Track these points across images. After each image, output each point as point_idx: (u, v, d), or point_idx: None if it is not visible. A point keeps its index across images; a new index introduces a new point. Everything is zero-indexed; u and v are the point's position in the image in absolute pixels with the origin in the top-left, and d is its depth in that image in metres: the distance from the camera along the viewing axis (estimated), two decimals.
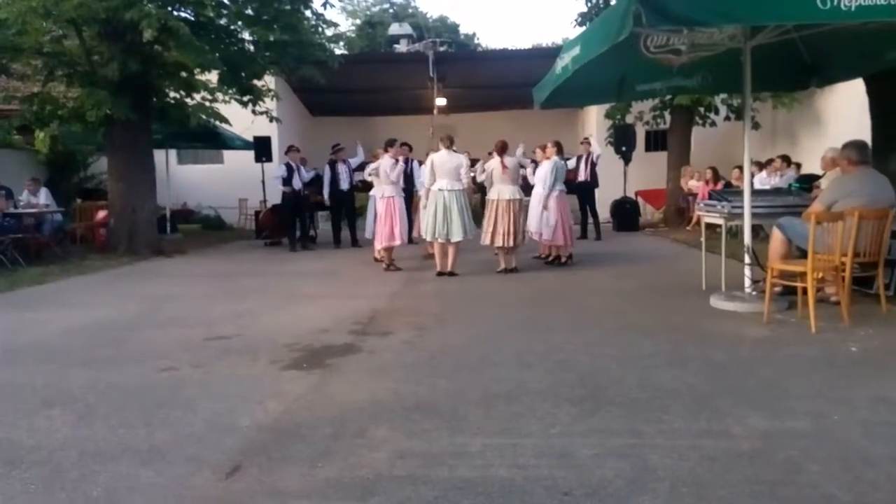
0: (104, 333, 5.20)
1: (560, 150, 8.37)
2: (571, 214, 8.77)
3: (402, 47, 24.29)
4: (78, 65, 9.91)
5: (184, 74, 10.53)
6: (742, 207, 5.50)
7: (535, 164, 8.73)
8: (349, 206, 11.36)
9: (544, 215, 8.07)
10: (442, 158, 7.71)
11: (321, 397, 3.54)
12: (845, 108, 11.24)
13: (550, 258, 8.50)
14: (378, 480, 2.51)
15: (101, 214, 11.52)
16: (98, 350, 4.68)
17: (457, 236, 7.63)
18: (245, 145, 13.81)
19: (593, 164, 11.42)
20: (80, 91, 9.76)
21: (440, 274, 7.70)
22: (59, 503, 2.40)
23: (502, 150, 7.88)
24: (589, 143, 11.71)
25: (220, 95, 11.26)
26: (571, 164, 10.77)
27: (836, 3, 3.66)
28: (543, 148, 8.41)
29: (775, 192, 7.95)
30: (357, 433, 2.99)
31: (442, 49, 20.61)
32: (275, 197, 12.00)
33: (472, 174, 8.42)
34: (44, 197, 10.80)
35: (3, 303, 6.72)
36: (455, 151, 7.89)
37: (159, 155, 12.34)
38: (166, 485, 2.53)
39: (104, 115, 9.55)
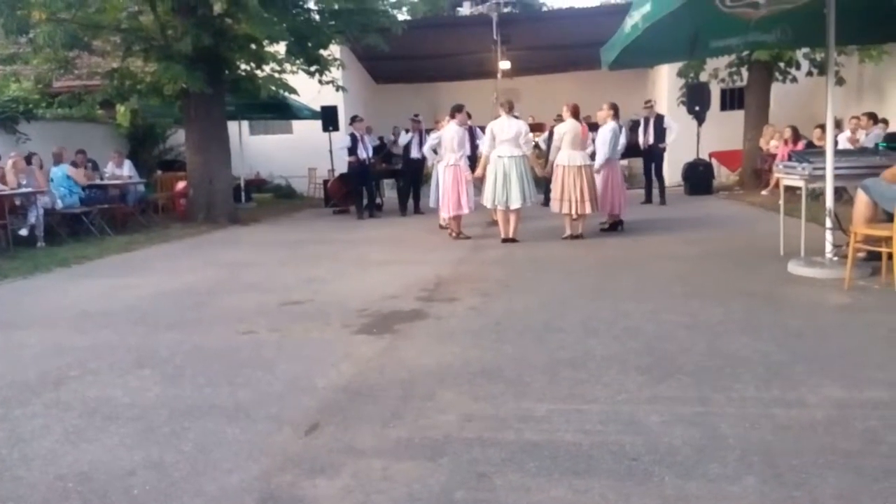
0: (188, 298, 5.50)
1: (616, 112, 8.15)
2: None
3: (465, 10, 23.88)
4: (154, 40, 10.27)
5: (253, 47, 10.77)
6: (824, 168, 5.25)
7: (595, 126, 8.49)
8: (416, 175, 11.71)
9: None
10: (502, 124, 7.62)
11: (391, 361, 3.65)
12: None
13: (607, 225, 8.30)
14: (447, 441, 2.60)
15: (181, 185, 12.07)
16: (183, 314, 4.96)
17: (516, 203, 7.57)
18: (313, 115, 14.06)
19: (663, 128, 11.11)
20: (156, 65, 10.15)
21: (505, 241, 7.70)
22: (153, 456, 2.60)
23: (577, 112, 7.73)
24: (652, 107, 11.46)
25: (287, 66, 11.47)
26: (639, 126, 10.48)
27: None
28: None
29: (860, 151, 7.52)
30: (426, 396, 3.08)
31: (506, 10, 20.14)
32: (342, 166, 12.21)
33: (533, 140, 8.29)
34: (127, 169, 11.37)
35: (94, 269, 7.18)
36: (515, 117, 7.78)
37: (232, 126, 12.73)
38: (251, 441, 2.70)
39: (180, 88, 9.91)
